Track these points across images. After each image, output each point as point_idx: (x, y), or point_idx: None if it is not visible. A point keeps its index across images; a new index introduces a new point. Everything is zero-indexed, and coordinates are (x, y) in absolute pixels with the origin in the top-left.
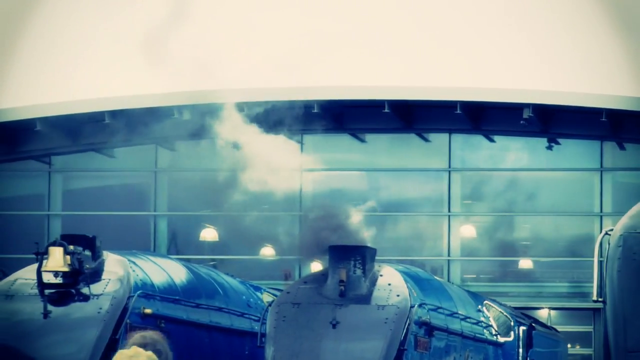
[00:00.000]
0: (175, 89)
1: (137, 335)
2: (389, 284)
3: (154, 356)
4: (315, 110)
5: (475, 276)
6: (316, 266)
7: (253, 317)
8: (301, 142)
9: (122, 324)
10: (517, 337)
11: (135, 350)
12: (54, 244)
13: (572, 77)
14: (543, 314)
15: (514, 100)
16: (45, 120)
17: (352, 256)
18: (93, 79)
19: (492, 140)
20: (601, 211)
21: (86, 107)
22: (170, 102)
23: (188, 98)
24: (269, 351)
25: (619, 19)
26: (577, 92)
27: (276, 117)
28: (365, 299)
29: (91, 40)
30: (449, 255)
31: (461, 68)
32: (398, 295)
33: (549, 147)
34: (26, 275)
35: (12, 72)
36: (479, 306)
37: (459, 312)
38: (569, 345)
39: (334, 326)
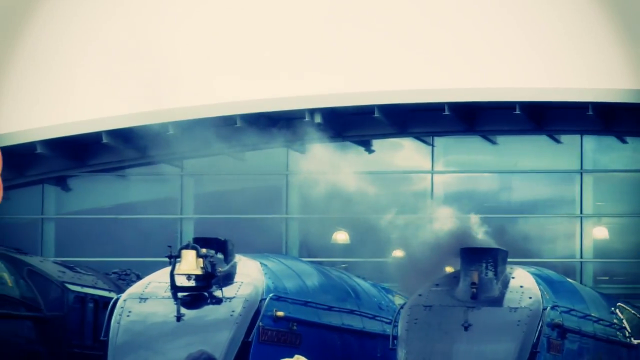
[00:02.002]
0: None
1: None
2: (521, 286)
3: None
4: (446, 113)
5: (608, 278)
6: (448, 269)
7: (385, 320)
8: (432, 145)
9: (255, 326)
10: None
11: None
12: (187, 247)
13: None
14: None
15: None
16: (176, 124)
17: (484, 258)
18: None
19: (624, 142)
20: None
21: (217, 111)
22: (302, 105)
23: (320, 101)
24: (401, 353)
25: (616, 13)
26: None
27: (406, 120)
28: (497, 301)
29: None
30: (581, 257)
31: (594, 69)
32: (530, 298)
33: None
34: (159, 279)
35: (145, 77)
36: (612, 308)
37: (592, 314)
38: None
39: (466, 328)
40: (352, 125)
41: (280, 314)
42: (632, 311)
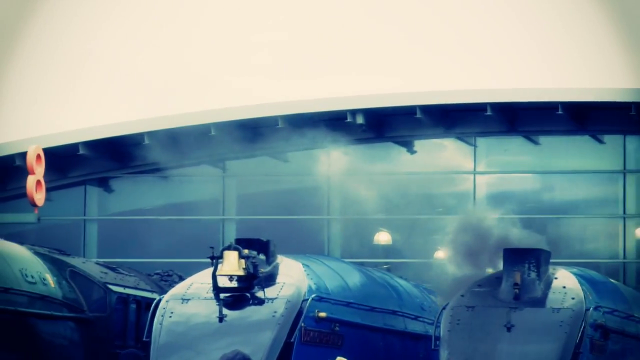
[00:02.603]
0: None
1: None
2: (564, 287)
3: None
4: (489, 113)
5: None
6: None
7: (427, 321)
8: (474, 145)
9: (297, 327)
10: None
11: None
12: (229, 248)
13: None
14: None
15: None
16: (219, 125)
17: (527, 259)
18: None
19: None
20: None
21: (258, 112)
22: (344, 106)
23: (362, 102)
24: (443, 354)
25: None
26: None
27: (449, 121)
28: (540, 301)
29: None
30: (624, 258)
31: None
32: (573, 298)
33: None
34: (202, 280)
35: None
36: None
37: (635, 314)
38: None
39: (508, 329)
40: (394, 125)
41: (323, 314)
42: None
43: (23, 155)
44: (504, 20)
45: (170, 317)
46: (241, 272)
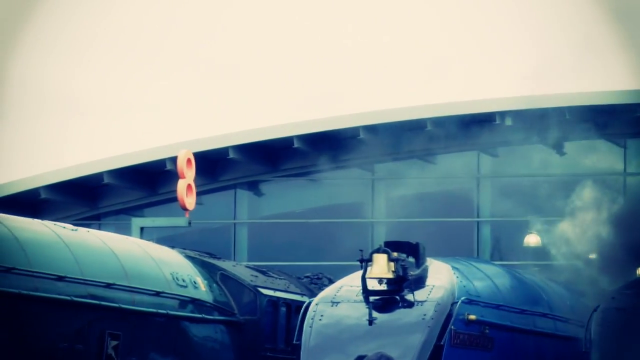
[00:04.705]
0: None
1: None
2: None
3: None
4: (639, 114)
5: None
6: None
7: (578, 323)
8: (624, 147)
9: (446, 330)
10: None
11: None
12: (378, 250)
13: None
14: None
15: None
16: (367, 128)
17: None
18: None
19: None
20: None
21: (407, 114)
22: (492, 108)
23: (510, 103)
24: (595, 357)
25: None
26: None
27: (598, 122)
28: None
29: None
30: None
31: None
32: None
33: None
34: (351, 282)
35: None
36: None
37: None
38: None
39: None
40: (543, 127)
41: (472, 317)
42: None
43: (174, 159)
44: None
45: (320, 319)
46: (390, 275)
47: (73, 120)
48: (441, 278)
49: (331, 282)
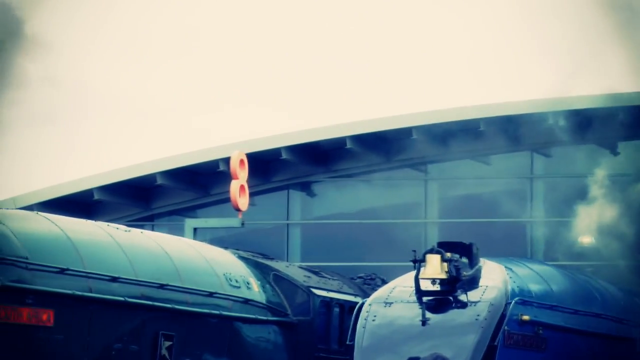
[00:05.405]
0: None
1: None
2: None
3: None
4: None
5: None
6: None
7: (632, 323)
8: None
9: (500, 330)
10: None
11: None
12: (431, 251)
13: None
14: None
15: None
16: (419, 129)
17: None
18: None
19: None
20: None
21: (460, 114)
22: (545, 108)
23: (563, 104)
24: None
25: None
26: None
27: None
28: None
29: None
30: None
31: None
32: None
33: None
34: (404, 283)
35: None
36: None
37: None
38: None
39: None
40: (597, 127)
41: (526, 318)
42: None
43: (226, 160)
44: None
45: (374, 320)
46: (444, 276)
47: (127, 121)
48: (494, 278)
49: (384, 282)
